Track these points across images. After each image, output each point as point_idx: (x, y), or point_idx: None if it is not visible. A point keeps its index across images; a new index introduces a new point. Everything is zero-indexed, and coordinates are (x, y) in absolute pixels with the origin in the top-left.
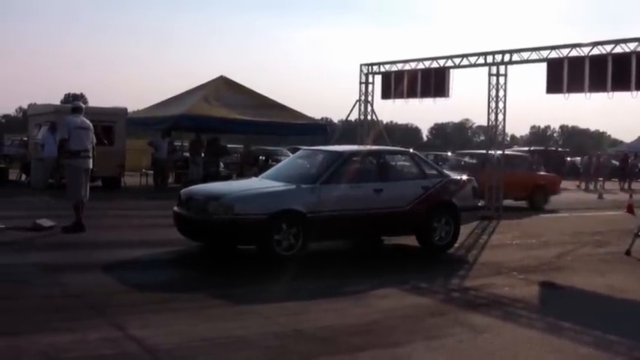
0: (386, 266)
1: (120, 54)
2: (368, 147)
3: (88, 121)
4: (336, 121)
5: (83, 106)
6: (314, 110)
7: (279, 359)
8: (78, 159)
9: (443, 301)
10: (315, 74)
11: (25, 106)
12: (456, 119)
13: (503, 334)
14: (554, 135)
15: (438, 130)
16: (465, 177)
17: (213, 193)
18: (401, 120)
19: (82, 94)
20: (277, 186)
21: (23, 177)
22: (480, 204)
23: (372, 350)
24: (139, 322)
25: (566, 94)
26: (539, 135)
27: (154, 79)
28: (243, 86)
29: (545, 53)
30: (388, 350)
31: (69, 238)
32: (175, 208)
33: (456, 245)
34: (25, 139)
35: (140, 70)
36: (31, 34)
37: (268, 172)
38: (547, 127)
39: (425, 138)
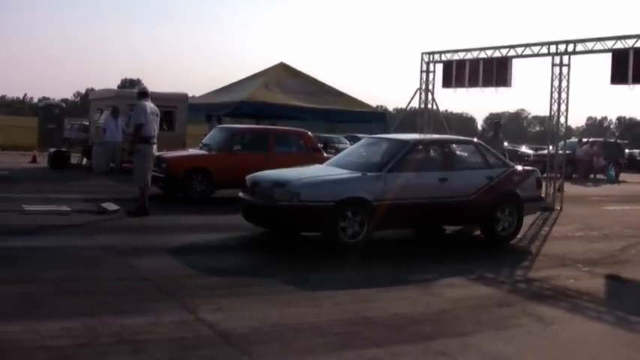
0: (450, 256)
1: (178, 39)
2: (433, 136)
3: (156, 107)
4: (391, 109)
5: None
6: (370, 98)
7: (352, 346)
8: (148, 145)
9: (509, 291)
10: (371, 62)
11: (82, 90)
12: (512, 109)
13: (572, 327)
14: (611, 127)
15: (494, 119)
16: (528, 167)
17: (279, 180)
18: (456, 109)
19: (138, 79)
20: (343, 173)
21: (84, 161)
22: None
23: (442, 339)
24: (210, 306)
25: (632, 85)
26: (595, 126)
27: (214, 65)
28: (303, 73)
29: (610, 43)
30: (458, 339)
31: (134, 222)
32: (240, 194)
33: (518, 236)
34: (86, 123)
35: (200, 56)
36: (86, 20)
37: (333, 159)
38: (604, 119)
39: (480, 128)
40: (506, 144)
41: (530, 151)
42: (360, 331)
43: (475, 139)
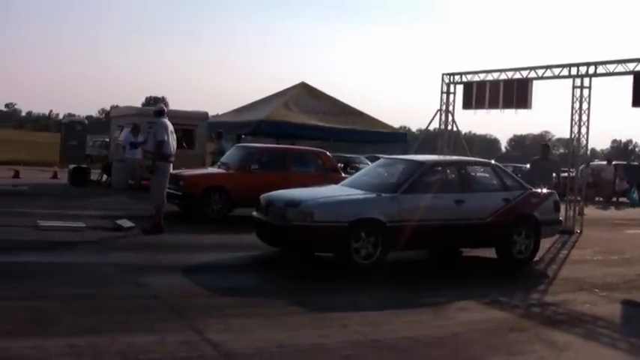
0: (464, 278)
1: (203, 59)
2: (449, 157)
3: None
4: (414, 130)
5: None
6: (393, 118)
7: None
8: (167, 163)
9: (523, 316)
10: (395, 83)
11: (107, 107)
12: (536, 131)
13: (585, 353)
14: (636, 149)
15: (517, 141)
16: (546, 190)
17: (292, 199)
18: (480, 131)
19: (163, 97)
20: (357, 194)
21: (104, 177)
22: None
23: None
24: (218, 326)
25: None
26: (620, 149)
27: (237, 84)
28: (323, 93)
29: (631, 66)
30: None
31: (148, 240)
32: (254, 213)
33: (536, 259)
34: (107, 140)
35: (222, 75)
36: (115, 37)
37: (348, 179)
38: (629, 142)
39: (503, 149)
40: (528, 166)
41: (553, 174)
42: (367, 353)
43: (493, 161)
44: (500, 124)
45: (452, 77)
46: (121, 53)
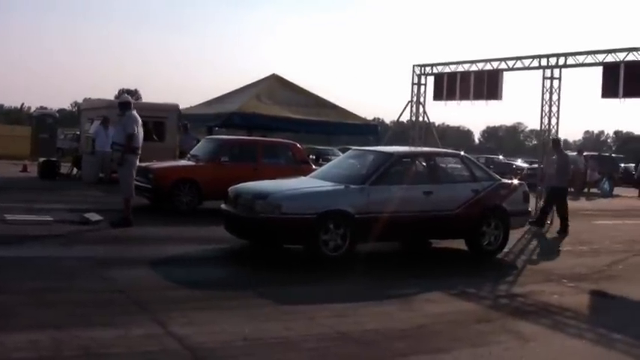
0: (433, 270)
1: (175, 50)
2: (418, 149)
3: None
4: (388, 122)
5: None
6: (367, 110)
7: None
8: (136, 155)
9: (490, 307)
10: (369, 74)
11: (79, 100)
12: (509, 122)
13: (551, 344)
14: (608, 140)
15: (490, 133)
16: (515, 181)
17: (260, 192)
18: (453, 122)
19: (135, 89)
20: (326, 186)
21: (75, 171)
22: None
23: (415, 356)
24: (182, 320)
25: (622, 99)
26: (592, 140)
27: (208, 76)
28: (295, 85)
29: (601, 57)
30: (431, 356)
31: (116, 233)
32: (223, 206)
33: (505, 250)
34: (78, 133)
35: (195, 67)
36: (88, 30)
37: (317, 171)
38: (601, 133)
39: (477, 141)
40: (501, 157)
41: (525, 165)
42: (331, 346)
43: (462, 152)
44: (475, 116)
45: (422, 68)
46: (92, 46)
